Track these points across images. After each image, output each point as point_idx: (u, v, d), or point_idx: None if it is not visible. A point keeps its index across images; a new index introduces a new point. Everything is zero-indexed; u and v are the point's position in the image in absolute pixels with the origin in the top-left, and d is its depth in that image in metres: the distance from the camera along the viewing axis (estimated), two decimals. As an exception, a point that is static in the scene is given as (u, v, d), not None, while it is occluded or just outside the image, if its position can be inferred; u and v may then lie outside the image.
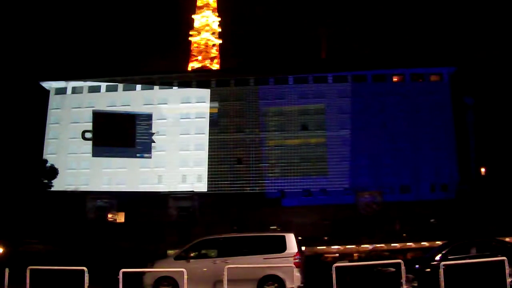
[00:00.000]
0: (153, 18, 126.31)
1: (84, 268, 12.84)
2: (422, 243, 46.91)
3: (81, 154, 66.11)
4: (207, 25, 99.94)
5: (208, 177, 65.83)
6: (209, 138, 66.56)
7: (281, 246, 15.29)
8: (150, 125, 65.24)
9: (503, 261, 12.50)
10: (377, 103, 66.38)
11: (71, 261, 16.70)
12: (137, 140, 64.61)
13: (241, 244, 15.82)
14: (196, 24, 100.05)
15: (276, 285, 14.69)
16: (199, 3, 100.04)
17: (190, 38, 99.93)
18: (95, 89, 69.60)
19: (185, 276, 13.11)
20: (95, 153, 64.83)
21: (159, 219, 56.20)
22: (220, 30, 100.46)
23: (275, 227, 54.72)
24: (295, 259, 14.86)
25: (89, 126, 65.12)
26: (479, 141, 63.77)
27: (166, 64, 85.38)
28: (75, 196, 59.43)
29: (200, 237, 16.73)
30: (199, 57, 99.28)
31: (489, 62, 64.31)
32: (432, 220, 57.16)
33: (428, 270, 15.04)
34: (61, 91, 70.03)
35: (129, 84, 69.45)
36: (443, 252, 15.91)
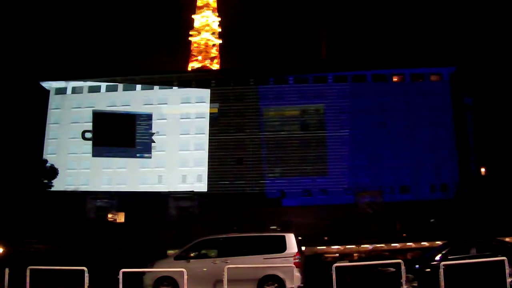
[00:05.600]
0: (153, 18, 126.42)
1: (84, 268, 12.84)
2: (422, 243, 46.94)
3: (81, 154, 66.14)
4: (207, 25, 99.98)
5: (208, 177, 65.85)
6: (209, 138, 66.59)
7: (281, 246, 15.28)
8: (150, 125, 65.34)
9: (503, 261, 12.50)
10: (377, 103, 66.30)
11: (71, 261, 16.70)
12: (137, 140, 64.72)
13: (241, 244, 15.80)
14: (196, 24, 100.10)
15: (276, 285, 14.68)
16: (199, 3, 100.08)
17: (190, 38, 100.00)
18: (95, 89, 69.58)
19: (185, 276, 13.11)
20: (95, 153, 64.92)
21: (159, 219, 56.22)
22: (220, 30, 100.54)
23: (275, 227, 54.73)
24: (295, 259, 14.86)
25: (89, 126, 65.21)
26: (479, 141, 63.74)
27: (166, 64, 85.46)
28: (75, 196, 59.44)
29: (200, 237, 16.71)
30: (199, 57, 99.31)
31: (489, 62, 64.31)
32: (432, 220, 57.15)
33: (428, 270, 15.03)
34: (61, 91, 70.01)
35: (129, 84, 69.44)
36: (443, 252, 15.90)
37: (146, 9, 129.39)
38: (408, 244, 48.99)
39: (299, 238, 16.36)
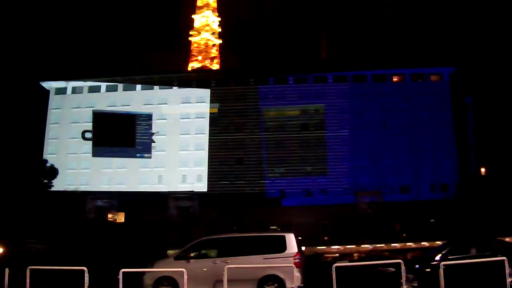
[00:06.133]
0: (153, 18, 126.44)
1: (84, 268, 12.84)
2: (422, 243, 46.90)
3: (81, 154, 66.15)
4: (207, 25, 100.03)
5: (208, 177, 65.85)
6: (209, 138, 66.59)
7: (281, 246, 15.29)
8: (150, 125, 65.35)
9: (503, 261, 12.50)
10: (377, 103, 66.32)
11: (71, 261, 16.70)
12: (137, 140, 64.73)
13: (241, 244, 15.80)
14: (196, 24, 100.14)
15: (276, 285, 14.68)
16: (199, 3, 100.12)
17: (190, 38, 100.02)
18: (95, 89, 69.59)
19: (185, 276, 13.12)
20: (95, 153, 64.91)
21: (159, 219, 56.21)
22: (220, 30, 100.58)
23: (275, 227, 54.73)
24: (295, 259, 14.86)
25: (89, 126, 65.21)
26: (479, 141, 63.73)
27: (166, 64, 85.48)
28: (75, 196, 59.43)
29: (200, 237, 16.71)
30: (199, 57, 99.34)
31: (489, 62, 64.27)
32: (432, 220, 57.15)
33: (428, 270, 15.05)
34: (61, 91, 70.02)
35: (129, 84, 69.44)
36: (443, 252, 15.93)
37: (146, 9, 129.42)
38: (408, 244, 48.94)
39: (299, 238, 16.36)
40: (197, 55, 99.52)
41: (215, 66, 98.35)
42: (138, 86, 69.84)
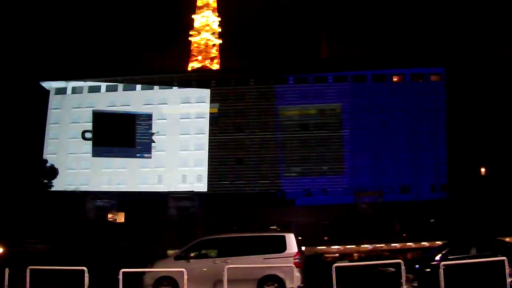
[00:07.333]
0: (153, 18, 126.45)
1: (84, 268, 12.84)
2: (422, 243, 46.97)
3: (81, 154, 66.14)
4: (207, 25, 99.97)
5: (208, 177, 65.84)
6: (209, 138, 66.59)
7: (281, 246, 15.28)
8: (150, 125, 65.38)
9: (503, 261, 12.51)
10: (377, 103, 66.31)
11: (71, 261, 16.71)
12: (137, 140, 64.77)
13: (241, 244, 15.79)
14: (196, 24, 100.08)
15: (276, 285, 14.68)
16: (199, 3, 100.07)
17: (190, 38, 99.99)
18: (95, 89, 69.55)
19: (185, 276, 13.13)
20: (95, 153, 64.94)
21: (159, 219, 56.21)
22: (220, 30, 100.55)
23: (275, 227, 54.77)
24: (295, 259, 14.86)
25: (89, 126, 65.24)
26: (479, 141, 63.68)
27: (166, 64, 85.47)
28: (75, 196, 59.44)
29: (200, 237, 16.71)
30: (199, 57, 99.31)
31: (487, 62, 64.29)
32: (432, 220, 57.17)
33: (428, 270, 15.05)
34: (61, 91, 69.96)
35: (129, 84, 69.42)
36: (443, 252, 15.92)
37: (147, 9, 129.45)
38: (408, 244, 49.01)
39: (299, 238, 16.36)
40: (197, 55, 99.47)
41: (215, 66, 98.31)
42: (138, 86, 69.78)
